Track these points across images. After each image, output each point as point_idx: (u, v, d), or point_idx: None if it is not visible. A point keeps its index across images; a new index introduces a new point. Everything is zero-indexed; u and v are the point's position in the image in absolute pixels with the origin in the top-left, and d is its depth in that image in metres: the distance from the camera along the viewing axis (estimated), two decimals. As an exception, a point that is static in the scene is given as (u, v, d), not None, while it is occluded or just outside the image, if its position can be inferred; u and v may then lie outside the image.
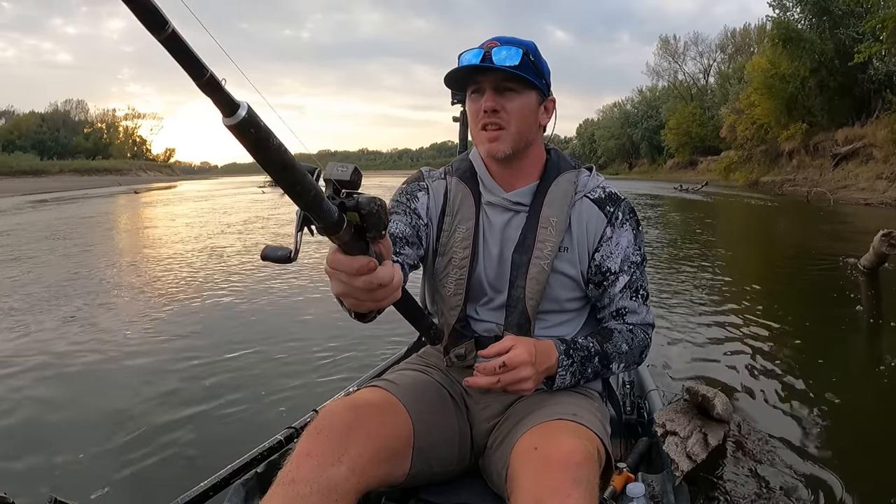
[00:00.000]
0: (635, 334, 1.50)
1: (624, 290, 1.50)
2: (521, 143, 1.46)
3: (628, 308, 1.51)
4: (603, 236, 1.49)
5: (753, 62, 38.21)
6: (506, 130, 1.42)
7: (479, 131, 1.45)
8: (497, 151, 1.44)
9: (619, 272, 1.49)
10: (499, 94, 1.41)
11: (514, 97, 1.42)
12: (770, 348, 4.50)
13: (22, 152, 68.50)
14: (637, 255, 1.51)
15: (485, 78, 1.41)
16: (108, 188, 47.12)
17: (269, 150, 0.66)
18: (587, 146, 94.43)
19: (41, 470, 2.80)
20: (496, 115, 1.41)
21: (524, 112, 1.44)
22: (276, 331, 5.13)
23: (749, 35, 57.88)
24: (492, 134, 1.43)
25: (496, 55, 1.38)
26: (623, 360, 1.46)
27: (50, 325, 5.47)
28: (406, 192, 1.57)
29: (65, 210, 23.20)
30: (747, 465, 2.65)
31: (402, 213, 1.52)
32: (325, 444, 1.20)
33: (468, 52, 1.42)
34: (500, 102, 1.41)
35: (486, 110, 1.41)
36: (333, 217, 0.77)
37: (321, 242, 0.85)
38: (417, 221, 1.53)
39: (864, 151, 25.49)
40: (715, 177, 41.26)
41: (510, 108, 1.42)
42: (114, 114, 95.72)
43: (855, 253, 7.15)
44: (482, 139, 1.45)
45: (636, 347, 1.49)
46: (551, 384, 1.39)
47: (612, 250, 1.49)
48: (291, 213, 3.96)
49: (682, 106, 60.53)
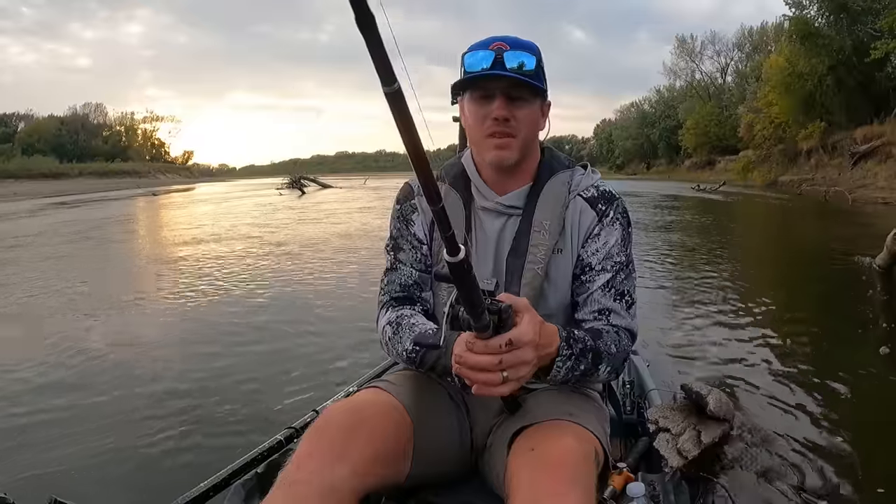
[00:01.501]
0: (621, 338, 1.41)
1: (606, 289, 1.44)
2: (526, 149, 1.45)
3: (612, 309, 1.44)
4: (591, 233, 1.47)
5: (771, 61, 37.85)
6: (515, 139, 1.40)
7: (486, 138, 1.41)
8: (505, 160, 1.41)
9: (601, 270, 1.45)
10: (510, 102, 1.37)
11: (524, 105, 1.38)
12: (780, 347, 4.48)
13: (42, 155, 68.99)
14: (622, 255, 1.46)
15: (495, 84, 1.36)
16: (128, 190, 47.38)
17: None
18: (605, 146, 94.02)
19: (41, 470, 2.82)
20: (507, 124, 1.38)
21: (532, 119, 1.42)
22: (277, 331, 5.17)
23: (766, 33, 57.29)
24: (502, 142, 1.39)
25: (509, 61, 1.34)
26: (610, 362, 1.37)
27: (49, 324, 5.53)
28: (402, 218, 1.58)
29: (85, 212, 23.34)
30: (750, 465, 2.63)
31: (408, 250, 1.55)
32: (326, 445, 1.21)
33: (475, 52, 1.37)
34: (511, 111, 1.37)
35: (496, 118, 1.37)
36: (486, 322, 1.01)
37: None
38: (420, 251, 1.55)
39: (883, 150, 25.14)
40: (733, 176, 40.83)
41: (520, 117, 1.38)
42: (132, 117, 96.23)
43: (871, 252, 7.08)
44: (488, 146, 1.41)
45: (621, 352, 1.40)
46: (544, 375, 1.26)
47: (597, 248, 1.46)
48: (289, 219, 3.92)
49: (699, 105, 60.01)
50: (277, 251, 10.24)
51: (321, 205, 24.27)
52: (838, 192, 23.67)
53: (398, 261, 1.56)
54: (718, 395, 2.09)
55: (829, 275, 7.66)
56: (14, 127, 79.18)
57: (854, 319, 5.37)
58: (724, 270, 8.02)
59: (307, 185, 40.47)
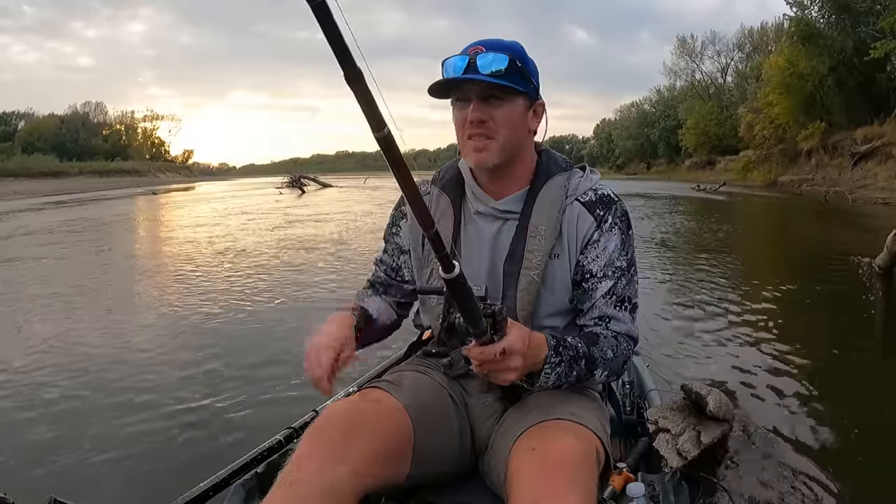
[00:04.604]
0: (619, 343, 1.42)
1: (608, 296, 1.44)
2: (510, 151, 1.43)
3: (613, 316, 1.45)
4: (590, 240, 1.45)
5: (771, 61, 37.80)
6: (494, 140, 1.39)
7: (466, 141, 1.41)
8: (484, 162, 1.40)
9: (603, 277, 1.44)
10: (485, 103, 1.36)
11: (501, 105, 1.37)
12: (779, 347, 4.47)
13: (42, 154, 68.92)
14: (623, 259, 1.45)
15: (470, 87, 1.37)
16: (127, 189, 47.36)
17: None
18: (605, 146, 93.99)
19: (41, 470, 2.82)
20: (483, 126, 1.38)
21: (512, 120, 1.40)
22: (277, 331, 5.16)
23: (766, 33, 57.26)
24: (478, 144, 1.39)
25: (481, 62, 1.34)
26: (607, 367, 1.39)
27: (48, 324, 5.53)
28: (391, 223, 1.69)
29: (82, 212, 23.35)
30: (750, 465, 2.64)
31: (389, 253, 1.70)
32: (326, 445, 1.21)
33: (452, 58, 1.38)
34: (487, 112, 1.37)
35: (472, 121, 1.37)
36: (483, 327, 1.08)
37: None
38: (399, 257, 1.66)
39: (884, 150, 25.09)
40: (733, 176, 40.79)
41: (497, 117, 1.37)
42: (132, 116, 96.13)
43: (871, 253, 7.08)
44: (468, 149, 1.42)
45: (620, 356, 1.42)
46: (532, 382, 1.32)
47: (597, 254, 1.45)
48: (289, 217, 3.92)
49: (699, 105, 59.96)
50: (277, 251, 10.24)
51: (321, 204, 24.21)
52: (838, 192, 23.65)
53: (381, 261, 1.73)
54: (718, 396, 2.09)
55: (828, 275, 7.66)
56: (14, 125, 78.98)
57: (854, 320, 5.38)
58: (725, 270, 8.02)
59: (307, 185, 40.44)
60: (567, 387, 1.39)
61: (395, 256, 1.67)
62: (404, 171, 0.84)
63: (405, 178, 0.85)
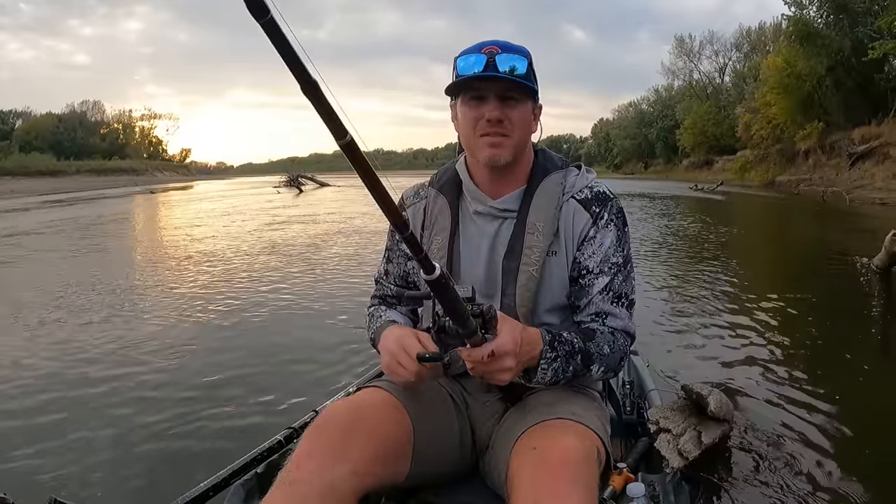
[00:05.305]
0: (616, 338, 1.43)
1: (604, 292, 1.45)
2: (519, 151, 1.45)
3: (609, 312, 1.45)
4: (586, 237, 1.46)
5: (769, 61, 37.84)
6: (509, 139, 1.40)
7: (479, 137, 1.42)
8: (499, 158, 1.41)
9: (599, 273, 1.45)
10: (502, 103, 1.38)
11: (517, 105, 1.40)
12: (779, 347, 4.48)
13: (39, 153, 68.84)
14: (619, 256, 1.46)
15: (488, 86, 1.38)
16: (125, 188, 47.30)
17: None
18: (602, 146, 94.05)
19: (40, 470, 2.80)
20: (500, 125, 1.39)
21: (525, 120, 1.43)
22: (277, 331, 5.16)
23: (764, 34, 57.29)
24: (495, 140, 1.40)
25: (501, 63, 1.35)
26: (603, 363, 1.39)
27: (47, 324, 5.53)
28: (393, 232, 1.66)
29: (79, 210, 23.33)
30: (750, 465, 2.64)
31: (395, 263, 1.67)
32: (326, 445, 1.21)
33: (467, 56, 1.38)
34: (504, 112, 1.38)
35: (490, 120, 1.38)
36: (472, 327, 1.08)
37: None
38: (406, 263, 1.64)
39: (881, 150, 25.13)
40: (731, 176, 40.86)
41: (514, 118, 1.40)
42: (130, 114, 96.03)
43: (869, 253, 7.09)
44: (481, 144, 1.42)
45: (616, 352, 1.42)
46: (529, 377, 1.32)
47: (593, 250, 1.46)
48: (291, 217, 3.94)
49: (697, 105, 59.99)
50: (277, 250, 10.24)
51: (320, 203, 24.21)
52: (836, 192, 23.69)
53: (386, 272, 1.69)
54: (719, 396, 2.09)
55: (827, 275, 7.67)
56: (11, 124, 78.91)
57: (852, 320, 5.38)
58: (723, 270, 8.02)
59: (305, 184, 40.45)
60: (566, 384, 1.39)
61: (401, 264, 1.65)
62: (371, 175, 0.86)
63: (372, 181, 0.87)
